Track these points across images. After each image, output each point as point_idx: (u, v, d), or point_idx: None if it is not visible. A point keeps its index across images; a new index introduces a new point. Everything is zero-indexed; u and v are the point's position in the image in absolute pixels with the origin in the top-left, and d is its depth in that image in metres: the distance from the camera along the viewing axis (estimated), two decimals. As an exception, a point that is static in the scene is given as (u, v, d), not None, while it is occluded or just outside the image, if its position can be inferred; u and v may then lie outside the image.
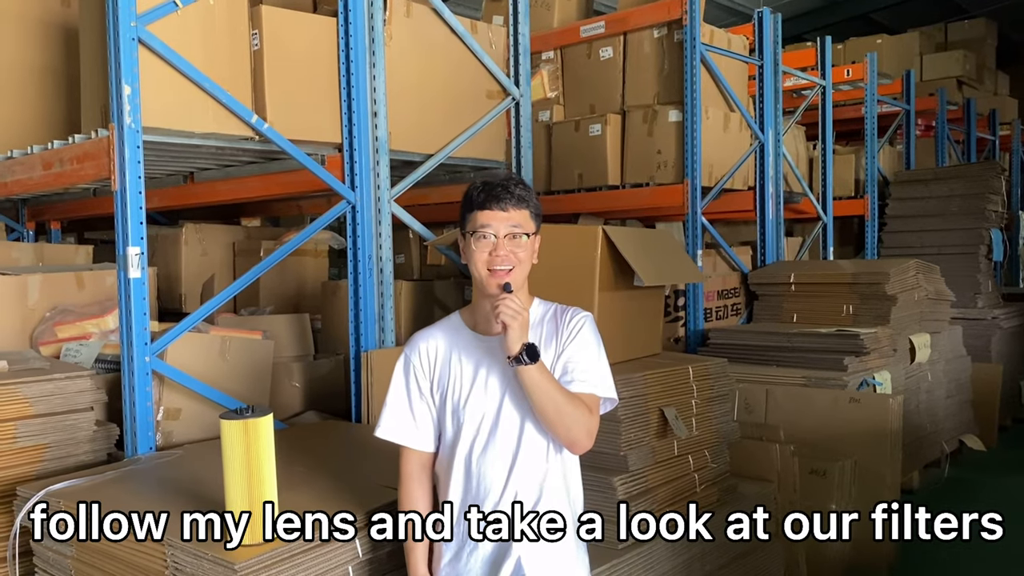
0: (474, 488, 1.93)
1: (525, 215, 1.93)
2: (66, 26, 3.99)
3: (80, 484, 2.37)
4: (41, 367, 2.93)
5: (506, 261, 1.89)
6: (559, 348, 1.95)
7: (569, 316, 1.98)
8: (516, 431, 1.92)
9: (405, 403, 2.01)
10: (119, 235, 2.76)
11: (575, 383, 1.90)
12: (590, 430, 1.88)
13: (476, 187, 1.96)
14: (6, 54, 3.86)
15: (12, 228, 5.22)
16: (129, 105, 2.72)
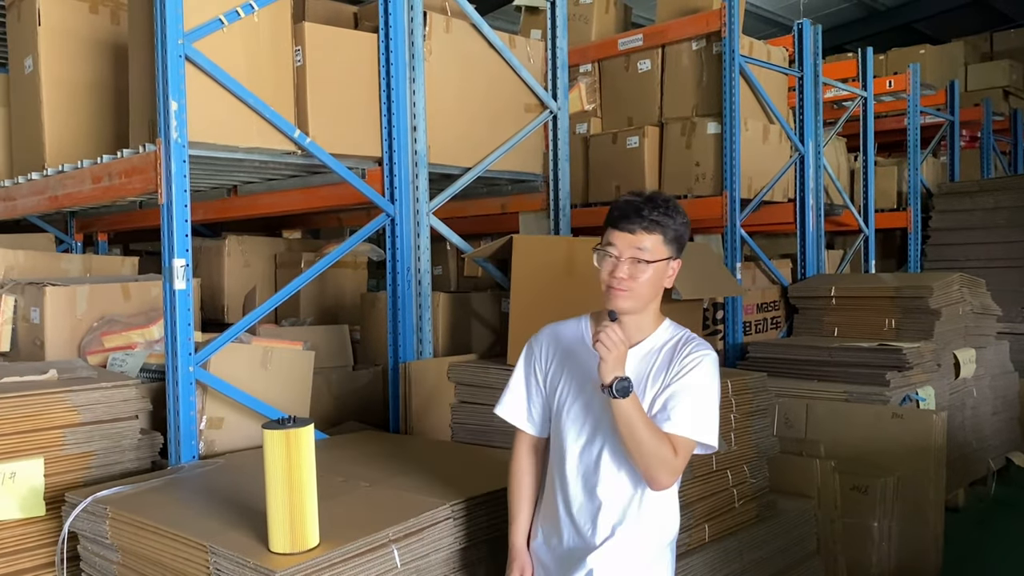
0: (567, 488, 2.00)
1: (656, 240, 1.89)
2: (115, 43, 4.10)
3: (126, 491, 2.42)
4: (88, 376, 3.00)
5: (622, 284, 1.89)
6: (666, 382, 1.90)
7: (687, 351, 1.93)
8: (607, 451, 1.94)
9: (523, 388, 2.11)
10: (165, 247, 2.82)
11: (668, 423, 1.87)
12: (673, 470, 1.85)
13: (616, 202, 1.96)
14: (58, 71, 3.97)
15: (61, 240, 5.35)
16: (176, 120, 2.79)
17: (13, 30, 4.16)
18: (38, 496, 2.64)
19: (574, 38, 4.98)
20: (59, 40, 3.98)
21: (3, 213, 4.15)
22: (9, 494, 2.59)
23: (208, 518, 2.16)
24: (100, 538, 2.32)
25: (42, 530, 2.65)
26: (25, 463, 2.63)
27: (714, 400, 1.93)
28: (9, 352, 3.85)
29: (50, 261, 4.40)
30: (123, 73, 3.95)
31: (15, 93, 4.29)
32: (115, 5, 4.12)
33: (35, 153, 3.99)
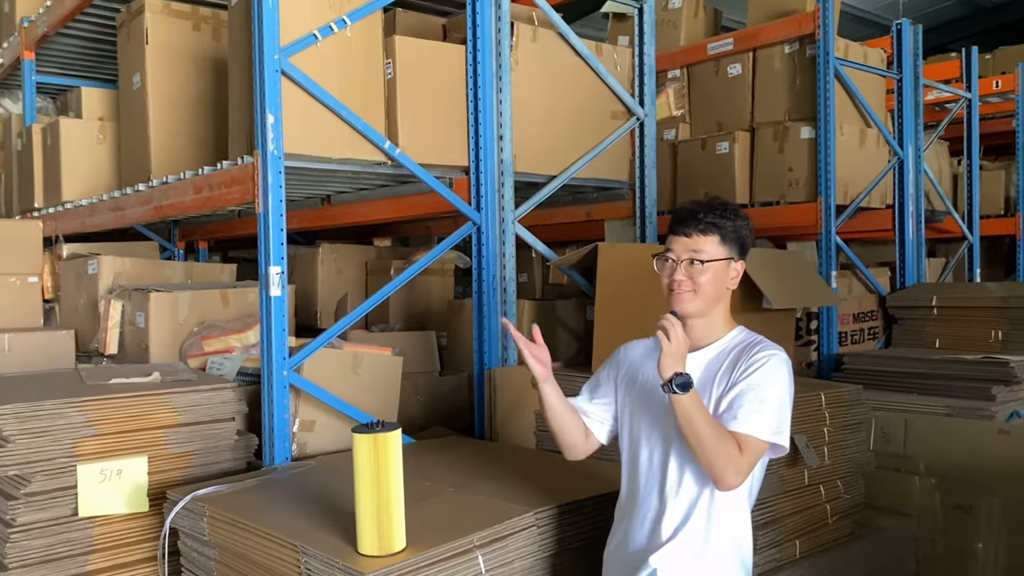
0: (635, 490, 2.03)
1: (712, 241, 1.95)
2: (216, 59, 4.27)
3: (223, 490, 2.52)
4: (189, 379, 3.13)
5: (682, 287, 1.94)
6: (732, 382, 1.91)
7: (755, 351, 1.93)
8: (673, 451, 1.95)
9: (595, 380, 2.23)
10: (261, 255, 2.93)
11: (733, 421, 1.86)
12: (739, 469, 1.83)
13: (673, 211, 2.05)
14: (164, 87, 4.16)
15: (164, 247, 5.61)
16: (272, 133, 2.88)
17: (123, 48, 4.39)
18: (142, 493, 2.77)
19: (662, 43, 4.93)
20: (165, 57, 4.17)
21: (112, 222, 4.38)
22: (116, 490, 2.73)
23: (300, 518, 2.23)
24: (199, 535, 2.41)
25: (145, 525, 2.78)
26: (130, 461, 2.76)
27: (782, 399, 1.90)
28: (117, 354, 4.05)
29: (154, 268, 4.61)
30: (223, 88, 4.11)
31: (124, 108, 4.52)
32: (216, 22, 4.30)
33: (141, 165, 4.20)
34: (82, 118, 5.02)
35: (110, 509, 2.72)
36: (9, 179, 5.83)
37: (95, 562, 2.69)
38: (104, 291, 4.20)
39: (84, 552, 2.67)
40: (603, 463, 2.60)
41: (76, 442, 2.68)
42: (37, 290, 4.39)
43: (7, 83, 6.14)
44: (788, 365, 1.94)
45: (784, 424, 1.90)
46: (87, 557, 2.67)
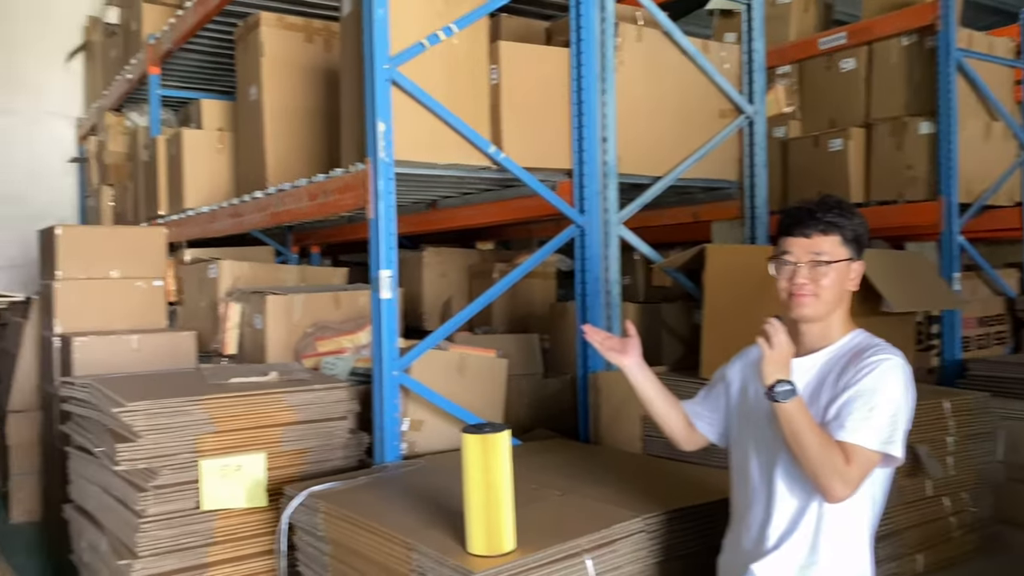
0: (744, 497, 2.00)
1: (833, 241, 1.88)
2: (327, 70, 4.41)
3: (337, 487, 2.59)
4: (304, 378, 3.24)
5: (803, 290, 1.88)
6: (841, 388, 1.83)
7: (867, 355, 1.85)
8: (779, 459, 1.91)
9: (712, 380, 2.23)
10: (373, 259, 3.00)
11: (840, 431, 1.79)
12: (846, 481, 1.76)
13: (787, 210, 1.96)
14: (278, 97, 4.33)
15: (280, 252, 5.83)
16: (383, 141, 2.96)
17: (240, 61, 4.59)
18: (260, 488, 2.88)
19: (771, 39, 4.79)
20: (279, 69, 4.34)
21: (231, 228, 4.58)
22: (236, 485, 2.84)
23: (411, 516, 2.27)
24: (314, 530, 2.49)
25: (263, 519, 2.89)
26: (249, 457, 2.88)
27: (894, 407, 1.80)
28: (236, 354, 4.23)
29: (270, 272, 4.79)
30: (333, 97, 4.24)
31: (241, 119, 4.73)
32: (328, 34, 4.44)
33: (258, 173, 4.37)
34: (202, 129, 5.28)
35: (230, 503, 2.84)
36: (137, 188, 6.18)
37: (216, 553, 2.81)
38: (224, 294, 4.40)
39: (206, 544, 2.80)
40: (714, 470, 2.56)
41: (199, 438, 2.81)
42: (162, 293, 4.62)
43: (134, 97, 6.52)
44: (904, 370, 1.85)
45: (896, 433, 1.81)
46: (209, 549, 2.80)
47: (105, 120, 6.90)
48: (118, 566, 2.73)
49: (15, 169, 7.92)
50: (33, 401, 5.15)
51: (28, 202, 7.92)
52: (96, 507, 3.09)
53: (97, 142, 7.25)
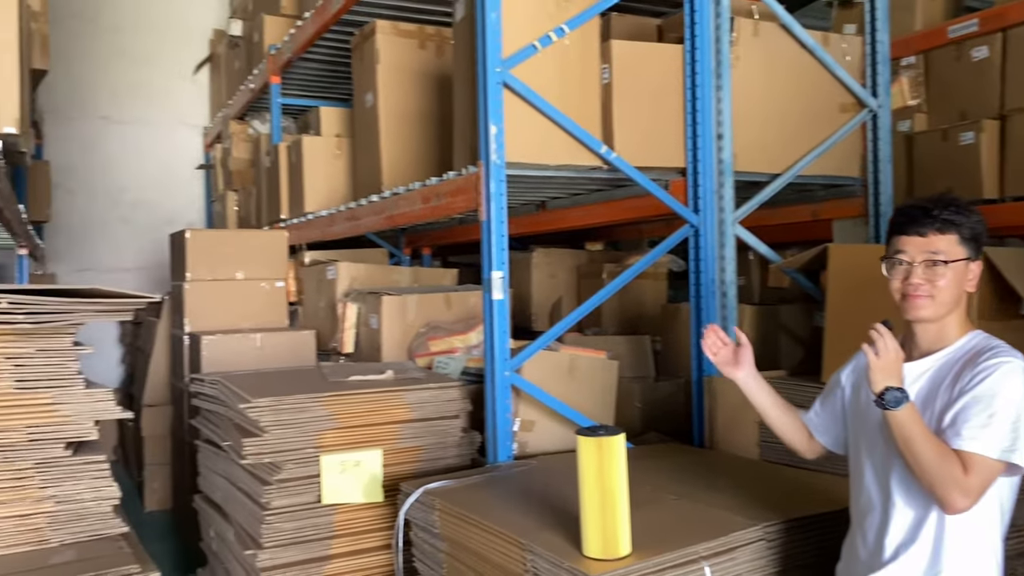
0: (861, 501, 1.94)
1: (950, 240, 1.80)
2: (439, 75, 4.49)
3: (451, 485, 2.63)
4: (418, 377, 3.31)
5: (919, 291, 1.81)
6: (957, 393, 1.74)
7: (984, 359, 1.75)
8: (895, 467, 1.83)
9: (828, 386, 2.15)
10: (485, 260, 3.03)
11: (957, 439, 1.70)
12: (965, 491, 1.66)
13: (899, 209, 1.90)
14: (393, 103, 4.44)
15: (393, 254, 5.96)
16: (495, 143, 2.98)
17: (357, 69, 4.72)
18: (377, 484, 2.95)
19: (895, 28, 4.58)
20: (394, 75, 4.45)
21: (348, 231, 4.72)
22: (354, 480, 2.93)
23: (524, 517, 2.28)
24: (430, 527, 2.53)
25: (379, 515, 2.96)
26: (367, 453, 2.95)
27: (1015, 411, 1.69)
28: (353, 353, 4.36)
29: (384, 273, 4.92)
30: (445, 102, 4.31)
31: (358, 125, 4.86)
32: (440, 40, 4.52)
33: (374, 177, 4.49)
34: (321, 136, 5.47)
35: (349, 498, 2.92)
36: (259, 193, 6.45)
37: (336, 547, 2.90)
38: (341, 295, 4.54)
39: (327, 537, 2.89)
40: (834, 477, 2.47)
41: (320, 434, 2.90)
42: (283, 294, 4.81)
43: (257, 106, 6.81)
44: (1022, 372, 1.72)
45: (1019, 441, 1.68)
46: (329, 542, 2.89)
47: (229, 128, 7.24)
48: (244, 556, 2.85)
49: (148, 176, 8.42)
50: (164, 396, 5.45)
51: (159, 207, 8.40)
52: (223, 498, 3.24)
53: (222, 149, 7.61)
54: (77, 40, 7.93)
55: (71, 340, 2.17)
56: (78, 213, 8.06)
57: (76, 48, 7.92)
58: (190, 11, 8.58)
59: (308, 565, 2.84)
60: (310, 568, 2.84)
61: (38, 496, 2.05)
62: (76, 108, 8.07)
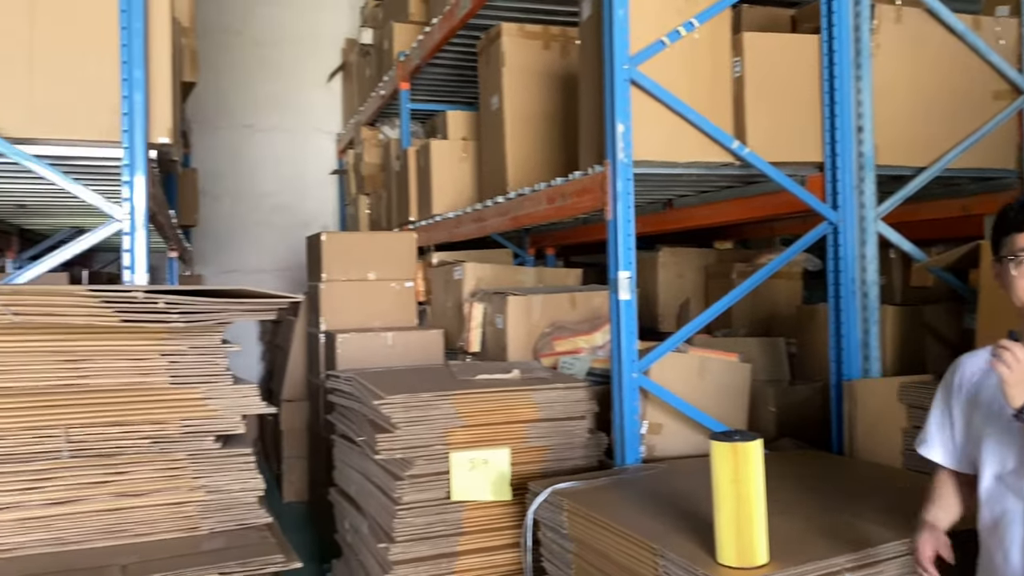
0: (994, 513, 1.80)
1: None
2: (564, 75, 4.49)
3: (579, 486, 2.62)
4: (545, 377, 3.31)
5: None
6: None
7: None
8: None
9: (937, 420, 1.98)
10: (611, 260, 3.00)
11: None
12: None
13: (1012, 206, 1.76)
14: (518, 105, 4.46)
15: (517, 254, 6.01)
16: (622, 142, 2.95)
17: (483, 72, 4.78)
18: (505, 482, 2.97)
19: (1056, 9, 4.25)
20: (519, 77, 4.48)
21: (474, 232, 4.78)
22: (483, 478, 2.96)
23: (654, 520, 2.24)
24: (558, 528, 2.53)
25: (507, 513, 2.98)
26: (495, 451, 2.98)
27: None
28: (479, 352, 4.41)
29: (509, 273, 4.96)
30: (569, 102, 4.30)
31: (484, 128, 4.92)
32: (564, 40, 4.52)
33: (499, 179, 4.53)
34: (448, 139, 5.57)
35: (477, 495, 2.95)
36: (389, 196, 6.64)
37: (465, 543, 2.94)
38: (468, 295, 4.61)
39: (455, 533, 2.93)
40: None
41: (449, 431, 2.95)
42: (412, 294, 4.94)
43: (387, 112, 7.01)
44: None
45: None
46: (458, 538, 2.93)
47: (361, 134, 7.48)
48: (377, 548, 2.94)
49: (286, 182, 8.83)
50: (302, 391, 5.70)
51: (296, 211, 8.80)
52: (357, 492, 3.34)
53: (354, 155, 7.88)
54: (222, 53, 8.39)
55: (220, 338, 2.29)
56: (223, 217, 8.54)
57: (222, 61, 8.39)
58: (324, 22, 8.94)
59: (438, 560, 2.89)
60: (440, 563, 2.89)
61: (191, 486, 2.17)
62: (221, 118, 8.55)
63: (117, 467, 2.12)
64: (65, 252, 2.92)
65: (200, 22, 5.01)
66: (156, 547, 2.09)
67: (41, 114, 2.80)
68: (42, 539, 2.04)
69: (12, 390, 2.08)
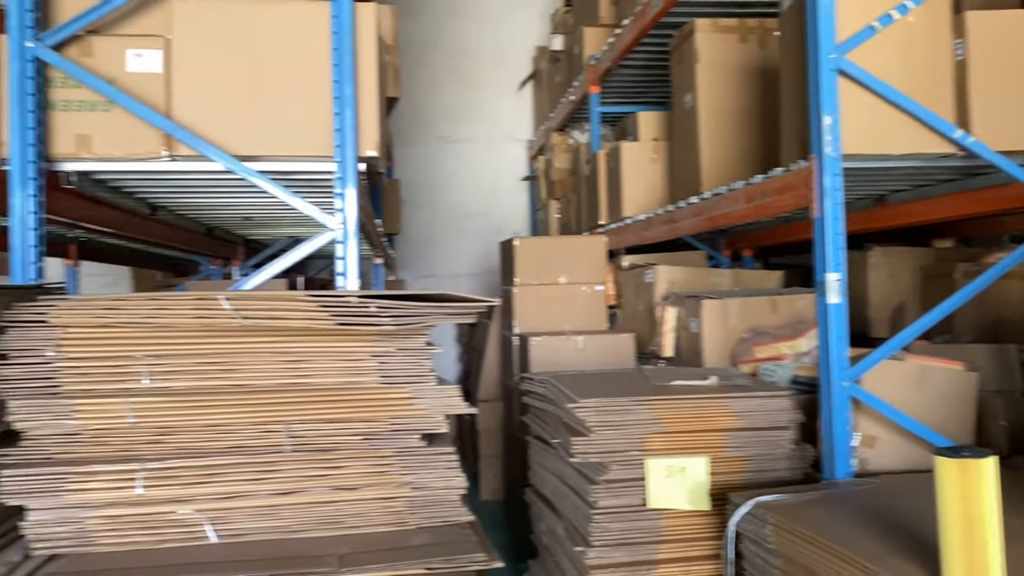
0: None
1: None
2: (760, 68, 4.32)
3: (784, 499, 2.49)
4: (744, 384, 3.19)
5: None
6: None
7: None
8: None
9: None
10: (818, 261, 2.84)
11: None
12: None
13: None
14: (713, 101, 4.35)
15: (711, 256, 5.84)
16: (829, 135, 2.79)
17: (675, 71, 4.70)
18: (703, 492, 2.88)
19: None
20: (714, 73, 4.36)
21: (666, 234, 4.70)
22: (679, 486, 2.89)
23: (871, 540, 2.09)
24: (762, 542, 2.42)
25: (707, 523, 2.89)
26: (693, 460, 2.90)
27: None
28: (672, 357, 4.33)
29: (703, 276, 4.83)
30: (768, 96, 4.13)
31: (676, 127, 4.84)
32: (762, 32, 4.35)
33: (692, 179, 4.43)
34: (638, 140, 5.52)
35: (674, 504, 2.89)
36: (579, 200, 6.68)
37: (664, 552, 2.88)
38: (659, 298, 4.53)
39: (653, 541, 2.88)
40: None
41: (644, 437, 2.90)
42: (602, 298, 4.93)
43: (576, 116, 7.06)
44: None
45: None
46: (656, 546, 2.88)
47: (551, 140, 7.58)
48: (574, 552, 2.94)
49: (478, 189, 9.12)
50: (496, 392, 5.84)
51: (489, 217, 9.07)
52: (552, 494, 3.37)
53: (545, 161, 7.99)
54: (417, 67, 8.80)
55: (424, 340, 2.38)
56: (421, 225, 8.95)
57: (417, 75, 8.79)
58: (514, 32, 9.16)
59: (636, 568, 2.86)
60: (638, 571, 2.85)
61: (399, 481, 2.27)
62: (418, 130, 8.96)
63: (333, 461, 2.25)
64: (285, 260, 3.16)
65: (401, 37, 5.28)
66: (368, 539, 2.20)
67: (264, 133, 3.05)
68: (269, 526, 2.20)
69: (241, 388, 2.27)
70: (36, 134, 2.89)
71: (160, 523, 2.15)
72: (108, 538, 2.13)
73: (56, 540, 2.10)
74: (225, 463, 2.19)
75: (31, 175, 2.88)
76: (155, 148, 3.00)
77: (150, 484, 2.14)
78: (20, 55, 2.89)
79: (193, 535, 2.16)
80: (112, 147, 2.99)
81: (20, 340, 2.17)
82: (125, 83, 2.98)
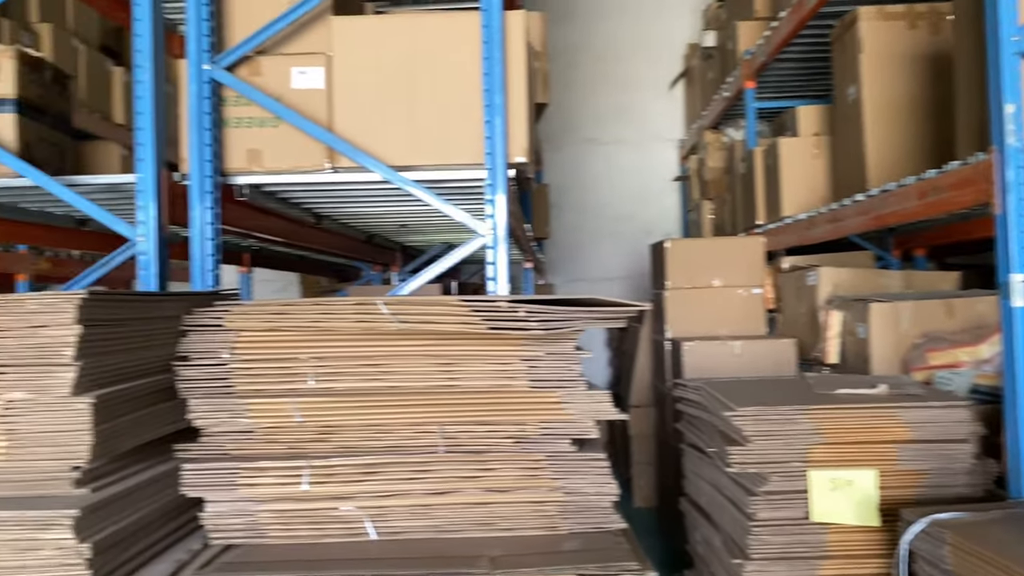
0: None
1: None
2: (931, 55, 4.03)
3: (964, 517, 2.30)
4: (917, 393, 2.98)
5: None
6: None
7: None
8: None
9: None
10: (1000, 261, 2.62)
11: None
12: None
13: None
14: (878, 92, 4.11)
15: (879, 256, 5.51)
16: (1012, 124, 2.56)
17: (837, 62, 4.47)
18: (871, 506, 2.71)
19: None
20: (879, 63, 4.12)
21: (830, 234, 4.47)
22: (845, 500, 2.73)
23: (1067, 569, 1.89)
24: (939, 563, 2.25)
25: (876, 540, 2.72)
26: (859, 473, 2.73)
27: None
28: (837, 364, 4.11)
29: (870, 278, 4.56)
30: (941, 85, 3.85)
31: (838, 121, 4.60)
32: (934, 16, 4.07)
33: (857, 175, 4.19)
34: (798, 136, 5.29)
35: (839, 518, 2.74)
36: (734, 200, 6.48)
37: (827, 568, 2.73)
38: (823, 302, 4.32)
39: (817, 556, 2.74)
40: None
41: (807, 448, 2.77)
42: (760, 301, 4.74)
43: (730, 114, 6.86)
44: None
45: None
46: (820, 562, 2.73)
47: (704, 138, 7.40)
48: (731, 564, 2.84)
49: (627, 191, 9.04)
50: (648, 398, 5.76)
51: (637, 219, 8.96)
52: (708, 503, 3.27)
53: (697, 160, 7.82)
54: (566, 70, 8.83)
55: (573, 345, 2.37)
56: (569, 229, 8.97)
57: (566, 78, 8.82)
58: (664, 30, 9.02)
59: (797, 584, 2.73)
60: (799, 587, 2.72)
61: (550, 486, 2.27)
62: (566, 134, 8.99)
63: (485, 463, 2.28)
64: (439, 266, 3.25)
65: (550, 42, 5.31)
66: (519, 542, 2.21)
67: (418, 143, 3.15)
68: (424, 525, 2.26)
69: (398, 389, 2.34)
70: (212, 150, 3.11)
71: (324, 519, 2.25)
72: (277, 531, 2.25)
73: (231, 531, 2.24)
74: (383, 462, 2.27)
75: (208, 189, 3.10)
76: (319, 161, 3.15)
77: (315, 480, 2.24)
78: (198, 77, 3.12)
79: (354, 531, 2.25)
80: (280, 161, 3.17)
81: (199, 343, 2.33)
82: (290, 99, 3.15)
